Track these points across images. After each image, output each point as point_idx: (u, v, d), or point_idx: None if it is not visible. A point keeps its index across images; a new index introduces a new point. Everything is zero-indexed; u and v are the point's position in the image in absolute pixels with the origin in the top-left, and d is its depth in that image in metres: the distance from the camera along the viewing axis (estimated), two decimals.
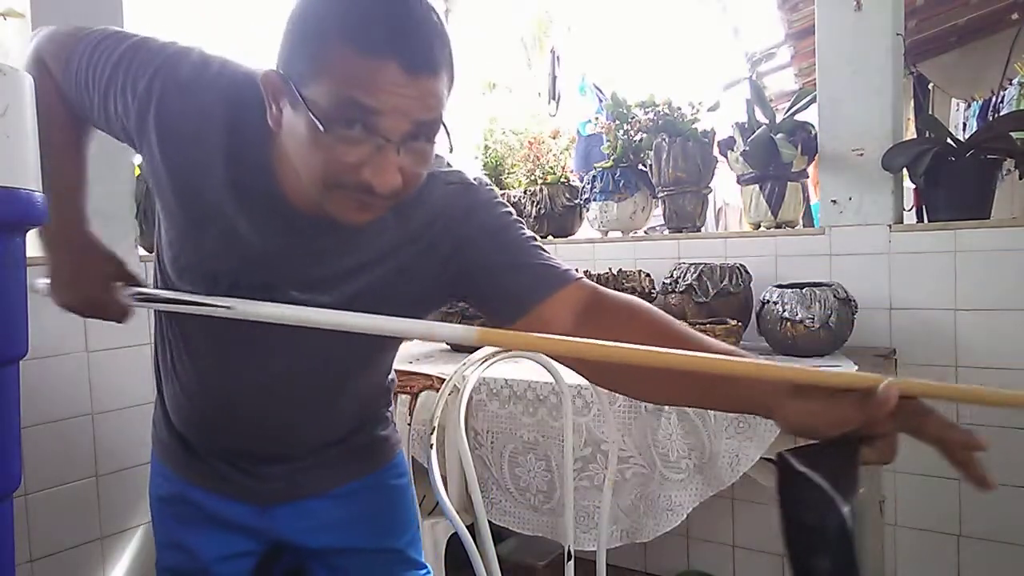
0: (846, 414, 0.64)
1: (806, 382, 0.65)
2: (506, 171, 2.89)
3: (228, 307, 0.77)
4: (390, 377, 1.11)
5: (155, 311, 0.98)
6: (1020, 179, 1.89)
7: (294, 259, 0.83)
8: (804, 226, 2.29)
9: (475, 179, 0.92)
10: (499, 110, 3.12)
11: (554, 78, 3.38)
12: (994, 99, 3.12)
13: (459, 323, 2.19)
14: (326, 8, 0.67)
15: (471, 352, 1.43)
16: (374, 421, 1.09)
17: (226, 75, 0.79)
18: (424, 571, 1.13)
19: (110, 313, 0.88)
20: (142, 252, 1.82)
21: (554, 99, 3.42)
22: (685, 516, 1.51)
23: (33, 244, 1.61)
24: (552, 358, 0.98)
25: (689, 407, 1.44)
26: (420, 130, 0.70)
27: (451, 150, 0.77)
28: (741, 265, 2.02)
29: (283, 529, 1.03)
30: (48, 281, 0.91)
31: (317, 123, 0.66)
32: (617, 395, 1.58)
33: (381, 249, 0.85)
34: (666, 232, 2.42)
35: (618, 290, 1.95)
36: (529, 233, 0.89)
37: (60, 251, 0.89)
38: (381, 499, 1.10)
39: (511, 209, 0.91)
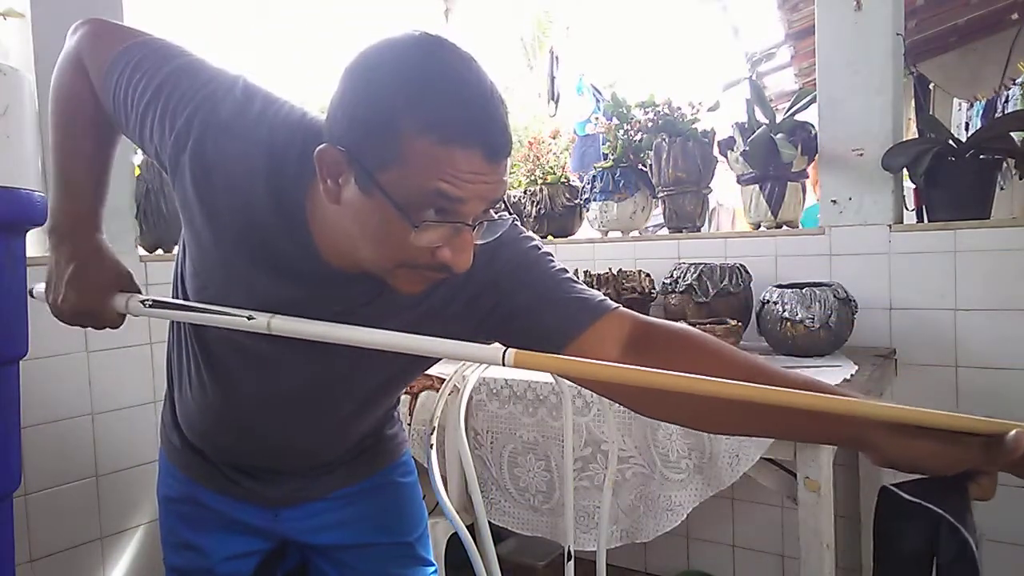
0: (968, 456, 0.64)
1: (920, 423, 0.63)
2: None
3: (250, 318, 0.75)
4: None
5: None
6: (1020, 179, 1.88)
7: (321, 304, 0.79)
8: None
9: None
10: None
11: (553, 78, 3.38)
12: (997, 99, 3.12)
13: None
14: (400, 94, 0.64)
15: None
16: (383, 422, 1.09)
17: (266, 121, 0.77)
18: (432, 568, 1.13)
19: (105, 321, 0.86)
20: (142, 252, 1.82)
21: (553, 99, 3.43)
22: (685, 516, 1.51)
23: (33, 244, 1.61)
24: (591, 387, 0.86)
25: (763, 437, 1.33)
26: (493, 207, 0.71)
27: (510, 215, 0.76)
28: (741, 265, 2.02)
29: (292, 529, 1.04)
30: (45, 284, 0.89)
31: (401, 214, 0.65)
32: None
33: (410, 296, 0.80)
34: (666, 232, 2.42)
35: (618, 290, 1.94)
36: (559, 265, 0.86)
37: (68, 252, 0.86)
38: (389, 496, 1.10)
39: (538, 242, 0.87)
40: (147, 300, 0.84)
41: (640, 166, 2.44)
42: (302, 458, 1.00)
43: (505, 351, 0.65)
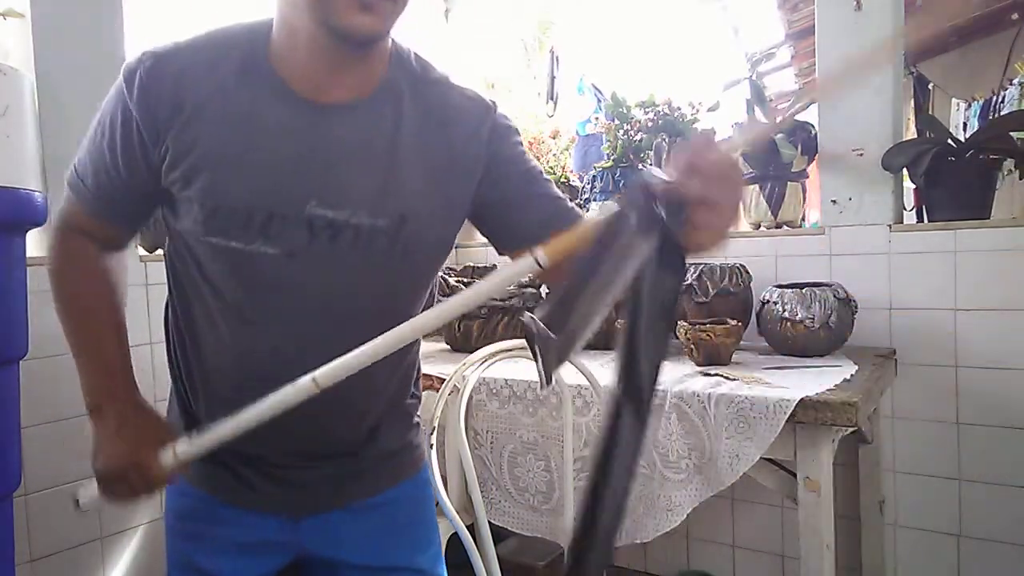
0: None
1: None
2: None
3: (313, 381, 0.74)
4: (418, 363, 1.06)
5: (170, 305, 0.96)
6: (1020, 179, 1.89)
7: (324, 163, 0.82)
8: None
9: (492, 101, 0.93)
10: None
11: (552, 79, 3.38)
12: (995, 99, 3.12)
13: (459, 323, 2.19)
14: None
15: (471, 352, 1.43)
16: (405, 417, 1.04)
17: (189, 43, 0.84)
18: None
19: (151, 474, 0.84)
20: (142, 252, 1.81)
21: (552, 99, 3.42)
22: (685, 516, 1.51)
23: (33, 244, 1.61)
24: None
25: None
26: None
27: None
28: (741, 265, 2.02)
29: (312, 540, 0.98)
30: (94, 471, 0.89)
31: None
32: None
33: (405, 143, 0.85)
34: None
35: None
36: (540, 167, 0.94)
37: (114, 415, 0.89)
38: (409, 511, 1.05)
39: (522, 139, 0.94)
40: (191, 438, 0.84)
41: (640, 166, 2.44)
42: (336, 418, 0.92)
43: (535, 254, 0.66)
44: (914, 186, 2.09)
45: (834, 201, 2.03)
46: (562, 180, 2.61)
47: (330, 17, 0.75)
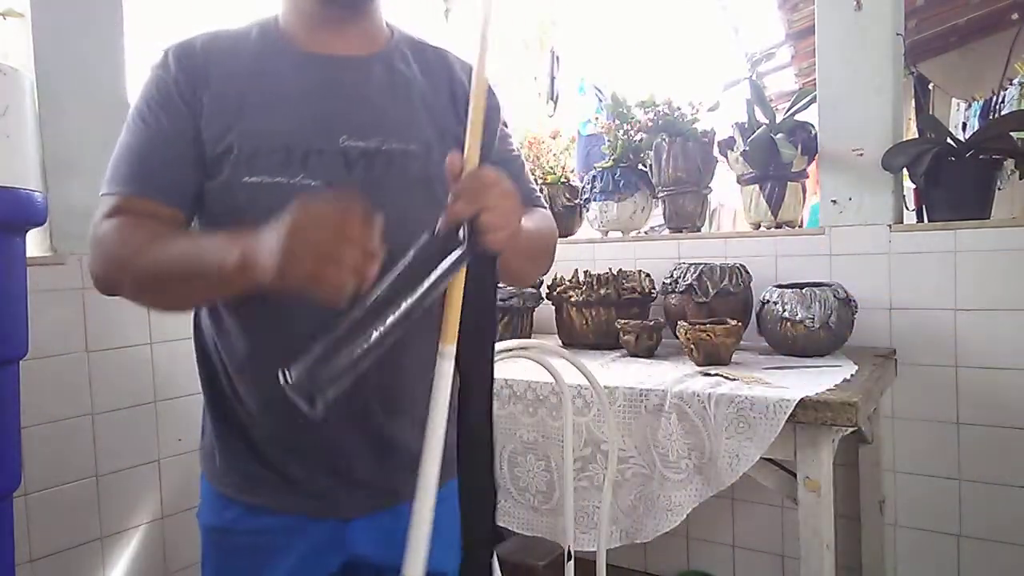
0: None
1: None
2: None
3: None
4: None
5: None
6: (1020, 179, 1.89)
7: (348, 103, 0.91)
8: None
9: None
10: None
11: (552, 79, 3.38)
12: (995, 99, 3.12)
13: None
14: None
15: None
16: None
17: (210, 32, 0.95)
18: None
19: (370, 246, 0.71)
20: None
21: (552, 100, 3.42)
22: (685, 516, 1.51)
23: (33, 244, 1.61)
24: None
25: None
26: None
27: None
28: (741, 265, 2.02)
29: (361, 542, 0.97)
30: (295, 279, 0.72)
31: None
32: (617, 395, 1.58)
33: (417, 90, 0.96)
34: (666, 232, 2.42)
35: (618, 290, 2.03)
36: (517, 147, 1.08)
37: (266, 238, 0.75)
38: (452, 514, 0.99)
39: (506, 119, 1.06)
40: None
41: (640, 166, 2.43)
42: (398, 377, 0.92)
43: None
44: (914, 186, 2.09)
45: (834, 201, 2.03)
46: (562, 180, 2.61)
47: None
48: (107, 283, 0.87)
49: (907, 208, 2.13)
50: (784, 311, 1.79)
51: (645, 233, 2.58)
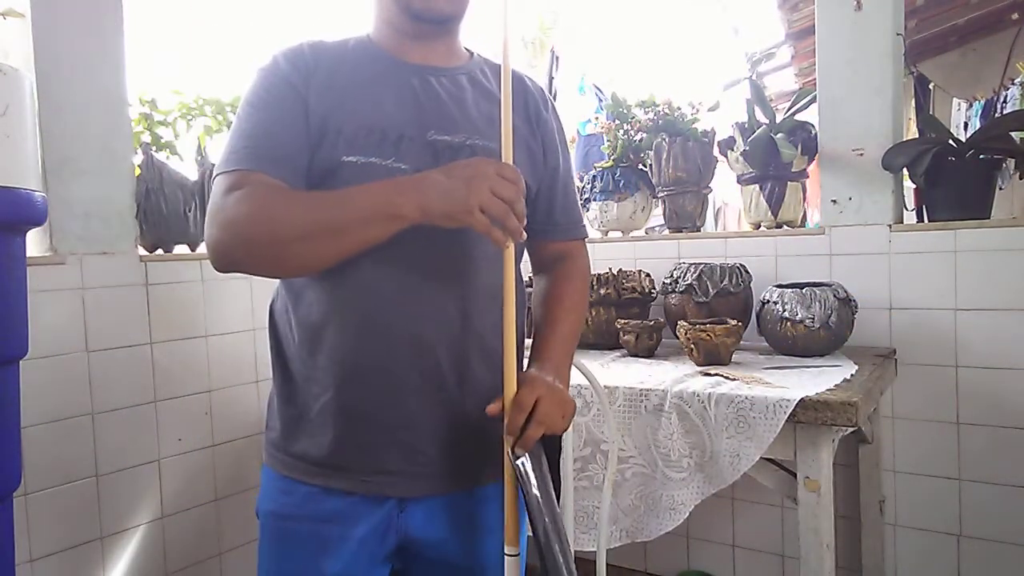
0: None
1: None
2: None
3: None
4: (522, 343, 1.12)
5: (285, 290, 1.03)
6: (1020, 179, 1.88)
7: (438, 102, 1.02)
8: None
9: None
10: None
11: (551, 79, 3.38)
12: (995, 99, 3.12)
13: None
14: None
15: None
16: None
17: (313, 45, 1.04)
18: None
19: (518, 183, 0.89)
20: (142, 252, 1.81)
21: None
22: (687, 515, 1.51)
23: (33, 244, 1.61)
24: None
25: None
26: None
27: None
28: (741, 265, 2.02)
29: (413, 526, 1.01)
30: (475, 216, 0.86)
31: None
32: (617, 395, 1.58)
33: (495, 99, 1.07)
34: (666, 232, 2.42)
35: (618, 290, 2.08)
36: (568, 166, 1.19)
37: (433, 178, 0.88)
38: (492, 512, 1.05)
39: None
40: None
41: (640, 166, 2.44)
42: (458, 358, 0.99)
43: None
44: (914, 186, 2.09)
45: (834, 201, 2.03)
46: None
47: (411, 2, 1.00)
48: (234, 255, 0.90)
49: (906, 208, 2.13)
50: (784, 311, 1.79)
51: (645, 233, 2.58)
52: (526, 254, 1.22)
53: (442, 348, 0.98)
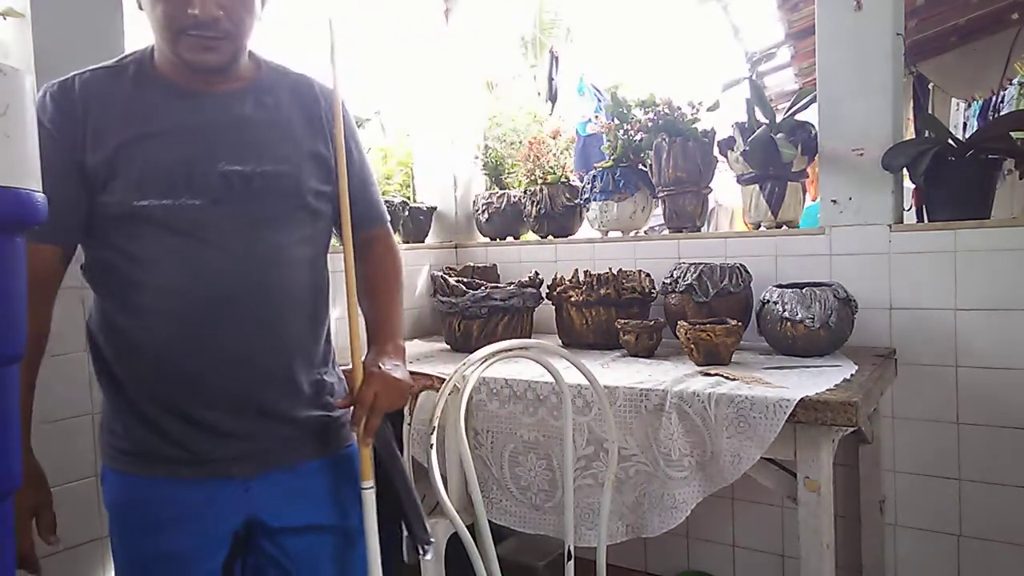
0: None
1: None
2: (506, 171, 2.89)
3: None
4: (327, 329, 1.19)
5: (98, 299, 1.12)
6: (1020, 179, 1.88)
7: (224, 131, 1.06)
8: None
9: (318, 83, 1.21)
10: (499, 110, 3.10)
11: (550, 79, 3.38)
12: (994, 99, 3.12)
13: (459, 323, 2.19)
14: None
15: (471, 352, 1.43)
16: (321, 388, 1.16)
17: (86, 71, 1.08)
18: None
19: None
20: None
21: (551, 100, 3.42)
22: (688, 512, 1.51)
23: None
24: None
25: None
26: None
27: None
28: (741, 265, 2.02)
29: (261, 503, 1.09)
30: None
31: None
32: (617, 395, 1.58)
33: (282, 116, 1.12)
34: (666, 232, 2.42)
35: (618, 290, 2.10)
36: (364, 161, 1.26)
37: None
38: (343, 473, 1.17)
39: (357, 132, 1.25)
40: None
41: (640, 166, 2.43)
42: (268, 356, 1.08)
43: None
44: (914, 186, 2.09)
45: (834, 201, 2.03)
46: (562, 180, 2.61)
47: (182, 54, 1.01)
48: None
49: (907, 208, 2.13)
50: (784, 311, 1.79)
51: (645, 233, 2.58)
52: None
53: (252, 360, 1.07)
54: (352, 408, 1.10)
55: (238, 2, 1.01)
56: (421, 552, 1.18)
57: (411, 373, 1.62)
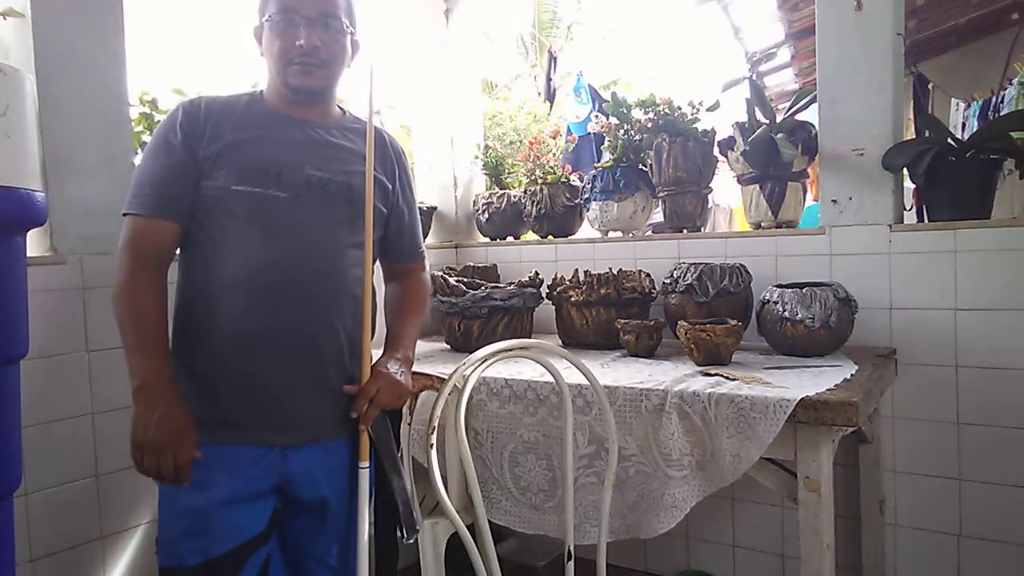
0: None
1: None
2: (506, 171, 2.90)
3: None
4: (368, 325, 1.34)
5: (186, 264, 1.32)
6: (1020, 179, 1.88)
7: (313, 146, 1.32)
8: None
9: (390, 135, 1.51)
10: (499, 110, 3.10)
11: (549, 79, 3.38)
12: (994, 99, 3.12)
13: (459, 323, 2.20)
14: None
15: (471, 352, 1.43)
16: (353, 378, 1.32)
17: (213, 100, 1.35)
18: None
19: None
20: None
21: (549, 100, 3.42)
22: (687, 511, 1.51)
23: (33, 244, 1.61)
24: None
25: None
26: (326, 15, 1.28)
27: None
28: (741, 265, 2.02)
29: (295, 471, 1.27)
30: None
31: (267, 22, 1.29)
32: (617, 395, 1.58)
33: (356, 148, 1.36)
34: (666, 232, 2.42)
35: (618, 290, 2.14)
36: (412, 199, 1.52)
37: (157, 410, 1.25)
38: (352, 457, 1.34)
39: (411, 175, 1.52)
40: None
41: (640, 166, 2.43)
42: (328, 339, 1.28)
43: None
44: (914, 186, 2.09)
45: (834, 201, 2.03)
46: (562, 180, 2.61)
47: (289, 79, 1.29)
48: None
49: (907, 208, 2.13)
50: (784, 311, 1.79)
51: (645, 233, 2.58)
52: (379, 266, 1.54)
53: (323, 338, 1.28)
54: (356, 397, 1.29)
55: (331, 39, 1.29)
56: (402, 536, 1.31)
57: (412, 374, 1.63)
